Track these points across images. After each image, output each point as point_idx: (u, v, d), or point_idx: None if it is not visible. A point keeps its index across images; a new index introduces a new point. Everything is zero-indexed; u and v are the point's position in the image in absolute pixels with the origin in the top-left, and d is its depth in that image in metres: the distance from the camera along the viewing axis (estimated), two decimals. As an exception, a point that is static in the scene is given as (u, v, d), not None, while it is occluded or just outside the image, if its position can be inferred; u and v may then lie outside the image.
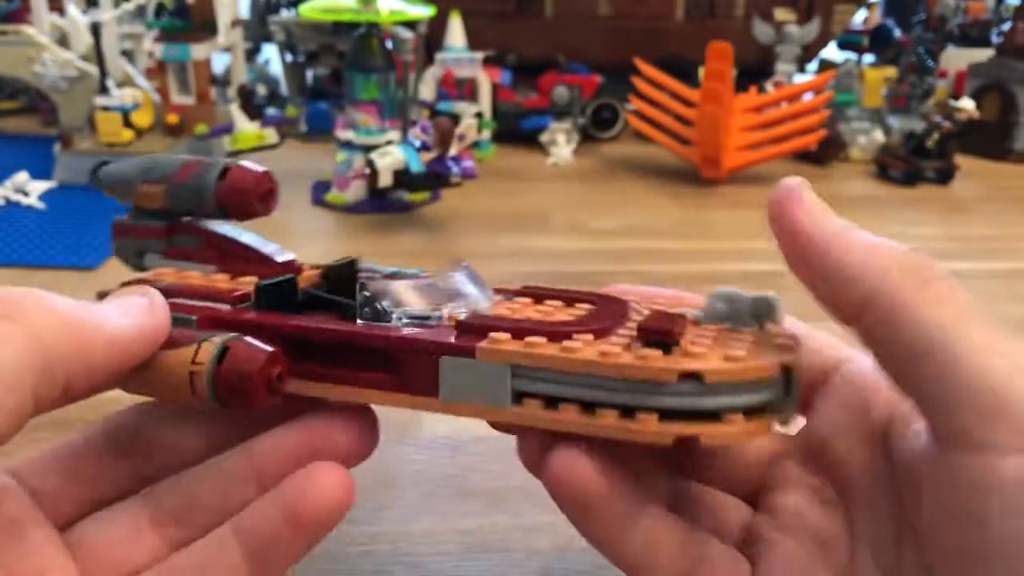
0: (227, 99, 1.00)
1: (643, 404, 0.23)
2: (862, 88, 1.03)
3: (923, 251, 0.74)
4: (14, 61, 0.91)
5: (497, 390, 0.24)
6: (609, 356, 0.23)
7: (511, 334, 0.25)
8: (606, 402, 0.24)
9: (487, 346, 0.24)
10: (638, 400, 0.23)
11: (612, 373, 0.23)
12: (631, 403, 0.23)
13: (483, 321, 0.25)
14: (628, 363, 0.23)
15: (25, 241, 0.69)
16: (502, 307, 0.28)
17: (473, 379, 0.25)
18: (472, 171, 0.73)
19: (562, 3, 1.05)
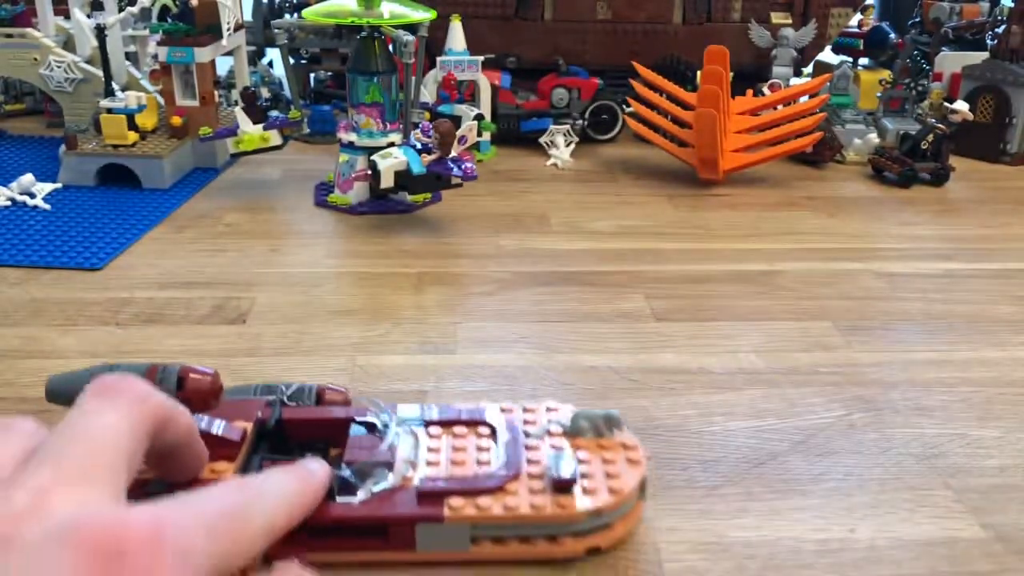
0: (231, 102, 1.01)
1: (563, 532, 0.36)
2: (857, 91, 1.04)
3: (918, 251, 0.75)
4: (20, 64, 0.92)
5: (459, 540, 0.35)
6: (538, 508, 0.35)
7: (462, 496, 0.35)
8: (539, 535, 0.35)
9: (451, 514, 0.35)
10: (560, 531, 0.35)
11: (543, 520, 0.35)
12: (556, 533, 0.36)
13: (437, 487, 0.35)
14: (553, 513, 0.35)
15: (31, 242, 0.70)
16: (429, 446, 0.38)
17: (440, 535, 0.35)
18: (472, 172, 0.73)
19: (561, 7, 1.06)
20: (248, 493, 0.29)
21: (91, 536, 0.23)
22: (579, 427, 0.39)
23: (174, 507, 0.26)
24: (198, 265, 0.67)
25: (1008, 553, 0.37)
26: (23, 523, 0.24)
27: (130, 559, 0.23)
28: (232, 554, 0.27)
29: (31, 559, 0.23)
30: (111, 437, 0.27)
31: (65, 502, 0.25)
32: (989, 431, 0.46)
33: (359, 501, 0.35)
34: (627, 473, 0.37)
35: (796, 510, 0.40)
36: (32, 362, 0.52)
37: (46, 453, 0.26)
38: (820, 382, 0.51)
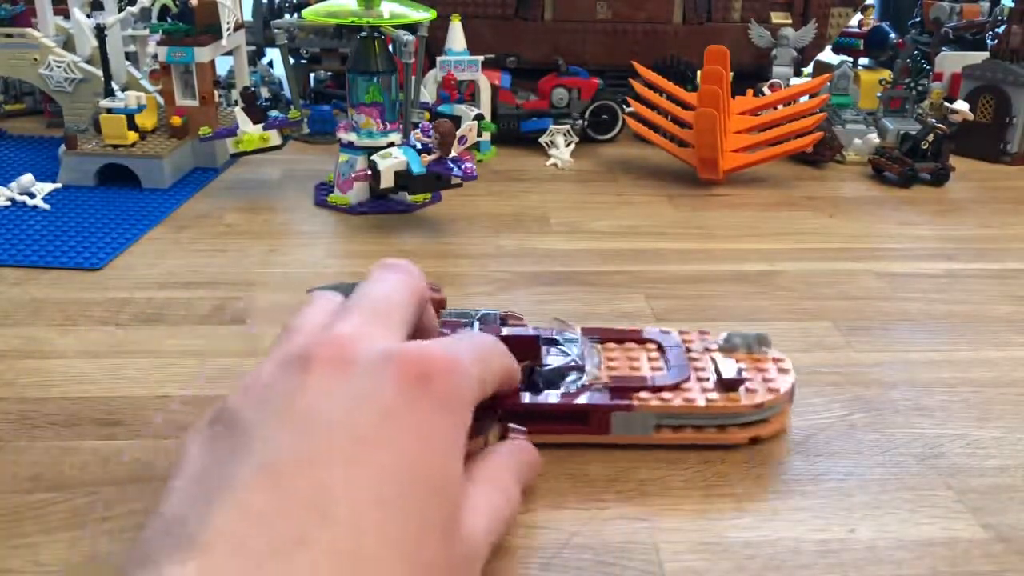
0: (230, 102, 1.01)
1: (731, 423, 0.43)
2: (857, 90, 1.04)
3: (918, 251, 0.75)
4: (20, 64, 0.92)
5: (644, 427, 0.43)
6: (712, 401, 0.43)
7: (648, 391, 0.43)
8: (709, 424, 0.43)
9: (639, 404, 0.42)
10: (728, 421, 0.43)
11: (715, 411, 0.43)
12: (724, 423, 0.43)
13: (627, 384, 0.43)
14: (721, 406, 0.43)
15: (31, 242, 0.70)
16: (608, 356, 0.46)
17: (630, 422, 0.43)
18: (472, 172, 0.73)
19: (561, 7, 1.06)
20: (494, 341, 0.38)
21: (409, 361, 0.31)
22: (733, 344, 0.47)
23: (455, 343, 0.34)
24: (198, 265, 0.67)
25: (1008, 553, 0.37)
26: (356, 346, 0.31)
27: (436, 379, 0.31)
28: (490, 382, 0.35)
29: (367, 374, 0.30)
30: (396, 293, 0.36)
31: (378, 336, 0.32)
32: (989, 431, 0.46)
33: (561, 394, 0.43)
34: (780, 378, 0.45)
35: (796, 510, 0.40)
36: (32, 362, 0.52)
37: (352, 305, 0.34)
38: (820, 382, 0.51)
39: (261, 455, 0.27)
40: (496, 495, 0.34)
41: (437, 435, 0.30)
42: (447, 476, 0.30)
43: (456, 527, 0.30)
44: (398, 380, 0.30)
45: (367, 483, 0.27)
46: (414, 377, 0.30)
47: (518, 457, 0.38)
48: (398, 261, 0.38)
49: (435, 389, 0.30)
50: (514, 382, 0.39)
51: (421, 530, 0.28)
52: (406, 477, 0.28)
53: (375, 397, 0.29)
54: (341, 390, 0.30)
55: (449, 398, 0.31)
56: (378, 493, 0.27)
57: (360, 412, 0.29)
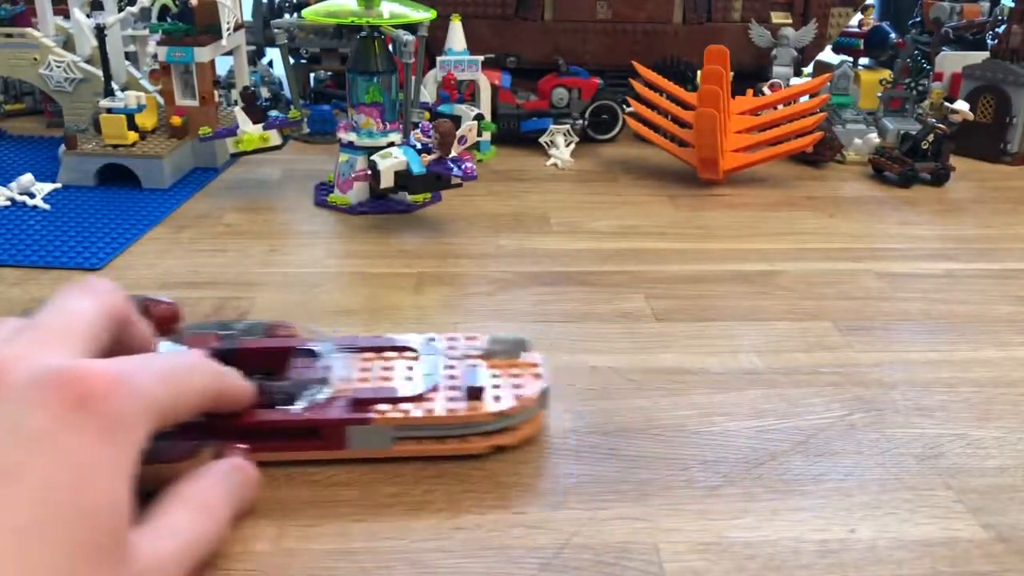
0: (230, 102, 1.01)
1: (472, 432, 0.42)
2: (858, 90, 1.04)
3: (918, 251, 0.75)
4: (20, 63, 0.92)
5: (383, 440, 0.42)
6: (453, 411, 0.42)
7: (389, 403, 0.42)
8: (452, 435, 0.42)
9: (378, 417, 0.41)
10: (469, 431, 0.42)
11: (455, 421, 0.42)
12: (465, 433, 0.42)
13: (366, 396, 0.42)
14: (462, 415, 0.42)
15: (31, 242, 0.70)
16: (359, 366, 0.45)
17: (367, 436, 0.41)
18: (472, 172, 0.73)
19: (561, 7, 1.06)
20: (194, 359, 0.37)
21: (64, 380, 0.29)
22: (493, 350, 0.47)
23: (132, 361, 0.33)
24: (198, 265, 0.67)
25: (1008, 553, 0.37)
26: (13, 364, 0.30)
27: (95, 401, 0.29)
28: (180, 402, 0.34)
29: (16, 396, 0.29)
30: (80, 316, 0.34)
31: (45, 356, 0.31)
32: (989, 431, 0.46)
33: (299, 409, 0.41)
34: (530, 384, 0.44)
35: (796, 510, 0.40)
36: (32, 362, 0.52)
37: (29, 327, 0.33)
38: (820, 382, 0.51)
39: None
40: (193, 517, 0.33)
41: (92, 461, 0.28)
42: (103, 502, 0.28)
43: (118, 554, 0.29)
44: (51, 404, 0.29)
45: (3, 513, 0.26)
46: (70, 400, 0.29)
47: (229, 477, 0.37)
48: (91, 281, 0.37)
49: (91, 411, 0.29)
50: (233, 400, 0.39)
51: (67, 559, 0.27)
52: (51, 505, 0.27)
53: (22, 423, 0.28)
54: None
55: (110, 421, 0.29)
56: (14, 523, 0.26)
57: (6, 441, 0.28)
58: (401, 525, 0.38)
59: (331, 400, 0.42)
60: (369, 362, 0.46)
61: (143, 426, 0.31)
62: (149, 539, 0.31)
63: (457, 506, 0.39)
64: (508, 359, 0.46)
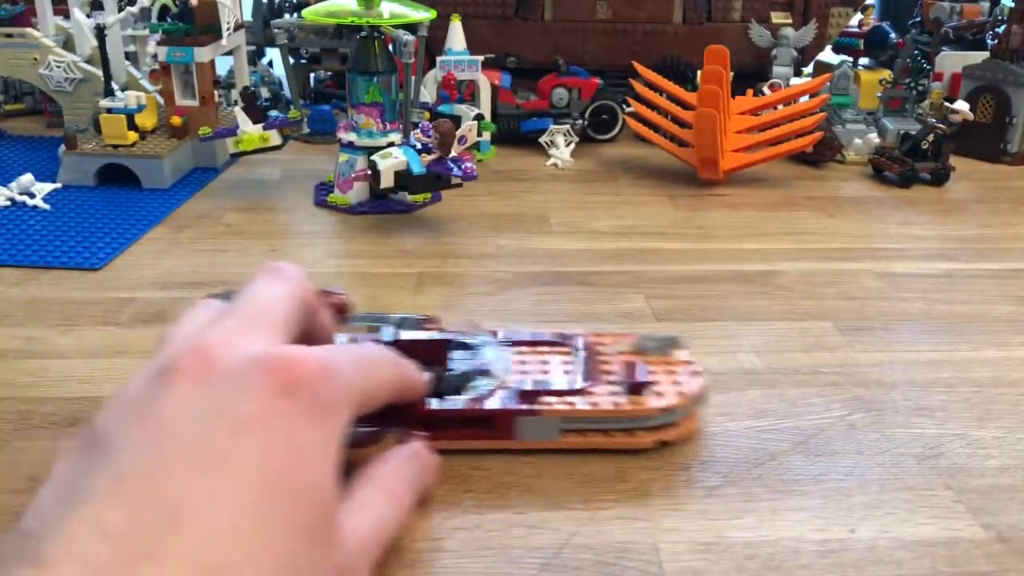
0: (230, 102, 1.01)
1: (637, 426, 0.43)
2: (858, 90, 1.04)
3: (918, 251, 0.75)
4: (20, 63, 0.92)
5: (551, 431, 0.42)
6: (618, 405, 0.42)
7: (555, 395, 0.42)
8: (616, 428, 0.43)
9: (544, 408, 0.42)
10: (635, 425, 0.43)
11: (621, 415, 0.42)
12: (631, 427, 0.43)
13: (533, 388, 0.43)
14: (628, 409, 0.42)
15: (31, 242, 0.70)
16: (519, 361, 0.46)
17: (536, 427, 0.42)
18: (472, 172, 0.73)
19: (561, 7, 1.06)
20: (383, 350, 0.38)
21: (276, 368, 0.30)
22: (645, 347, 0.47)
23: (333, 350, 0.34)
24: (198, 265, 0.67)
25: (1009, 553, 0.37)
26: (221, 353, 0.30)
27: (305, 386, 0.30)
28: (373, 391, 0.35)
29: (230, 378, 0.30)
30: (276, 301, 0.35)
31: (249, 341, 0.31)
32: (989, 431, 0.46)
33: (467, 399, 0.42)
34: (690, 380, 0.44)
35: (796, 510, 0.40)
36: (32, 362, 0.52)
37: (227, 311, 0.34)
38: (820, 382, 0.51)
39: (115, 467, 0.27)
40: (383, 500, 0.34)
41: (303, 443, 0.29)
42: (315, 484, 0.29)
43: (329, 533, 0.30)
44: (262, 387, 0.29)
45: (222, 492, 0.27)
46: (281, 384, 0.30)
47: (411, 462, 0.38)
48: (280, 264, 0.37)
49: (303, 396, 0.30)
50: (412, 391, 0.40)
51: (287, 537, 0.28)
52: (267, 485, 0.28)
53: (236, 406, 0.29)
54: (202, 399, 0.29)
55: (318, 406, 0.30)
56: (234, 501, 0.27)
57: (219, 421, 0.29)
58: (401, 525, 0.38)
59: (495, 391, 0.43)
60: (524, 356, 0.47)
61: (346, 412, 0.32)
62: (350, 519, 0.31)
63: (457, 506, 0.39)
64: (661, 356, 0.46)
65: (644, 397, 0.43)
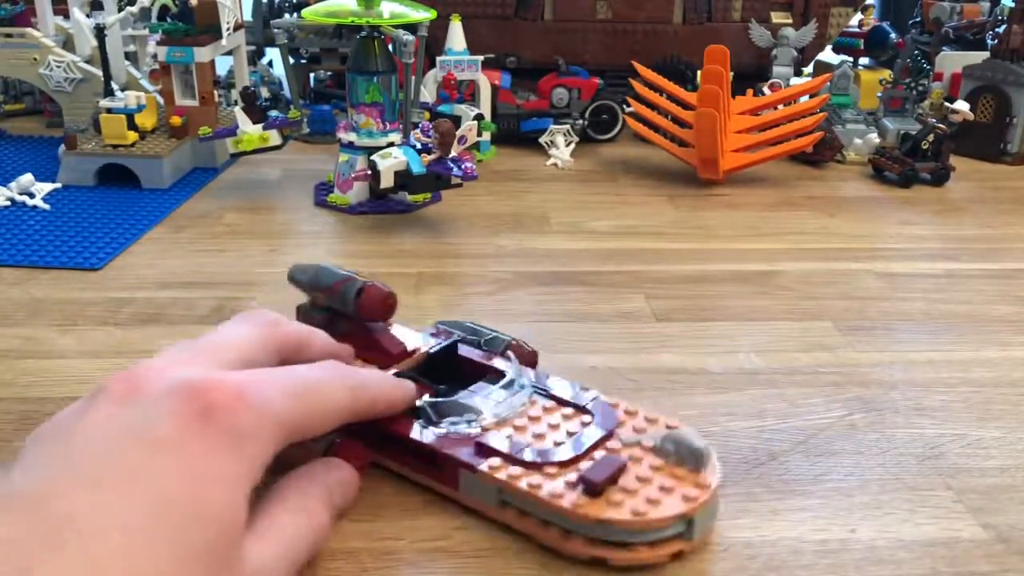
0: (230, 101, 1.01)
1: (576, 531, 0.35)
2: (858, 90, 1.04)
3: (918, 251, 0.74)
4: (19, 63, 0.92)
5: (489, 496, 0.37)
6: (555, 497, 0.35)
7: (505, 460, 0.37)
8: (556, 524, 0.36)
9: (486, 468, 0.37)
10: (574, 528, 0.35)
11: (554, 509, 0.35)
12: (570, 528, 0.35)
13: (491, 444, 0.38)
14: (563, 505, 0.35)
15: (31, 242, 0.70)
16: (531, 412, 0.41)
17: (475, 486, 0.38)
18: (472, 172, 0.73)
19: (561, 7, 1.06)
20: (335, 371, 0.36)
21: (192, 394, 0.30)
22: (664, 448, 0.38)
23: (263, 375, 0.33)
24: (198, 265, 0.67)
25: (1009, 553, 0.37)
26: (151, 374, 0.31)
27: (218, 413, 0.30)
28: (312, 418, 0.34)
29: (147, 404, 0.30)
30: (236, 341, 0.35)
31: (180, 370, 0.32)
32: (989, 431, 0.46)
33: (434, 432, 0.39)
34: (669, 502, 0.35)
35: (796, 510, 0.40)
36: (31, 362, 0.52)
37: (186, 346, 0.34)
38: (820, 382, 0.51)
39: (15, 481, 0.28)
40: (294, 520, 0.33)
41: (209, 471, 0.29)
42: (218, 510, 0.29)
43: (228, 560, 0.29)
44: (178, 412, 0.30)
45: (115, 511, 0.27)
46: (197, 409, 0.30)
47: (327, 476, 0.36)
48: (260, 311, 0.38)
49: (214, 425, 0.30)
50: (380, 410, 0.38)
51: (179, 561, 0.27)
52: (164, 507, 0.28)
53: (150, 428, 0.29)
54: (116, 420, 0.30)
55: (230, 434, 0.30)
56: (127, 521, 0.27)
57: (130, 441, 0.29)
58: (401, 525, 0.38)
59: (467, 436, 0.39)
60: (542, 407, 0.41)
61: (268, 440, 0.31)
62: (254, 543, 0.31)
63: (457, 506, 0.39)
64: (679, 466, 0.37)
65: (592, 500, 0.35)
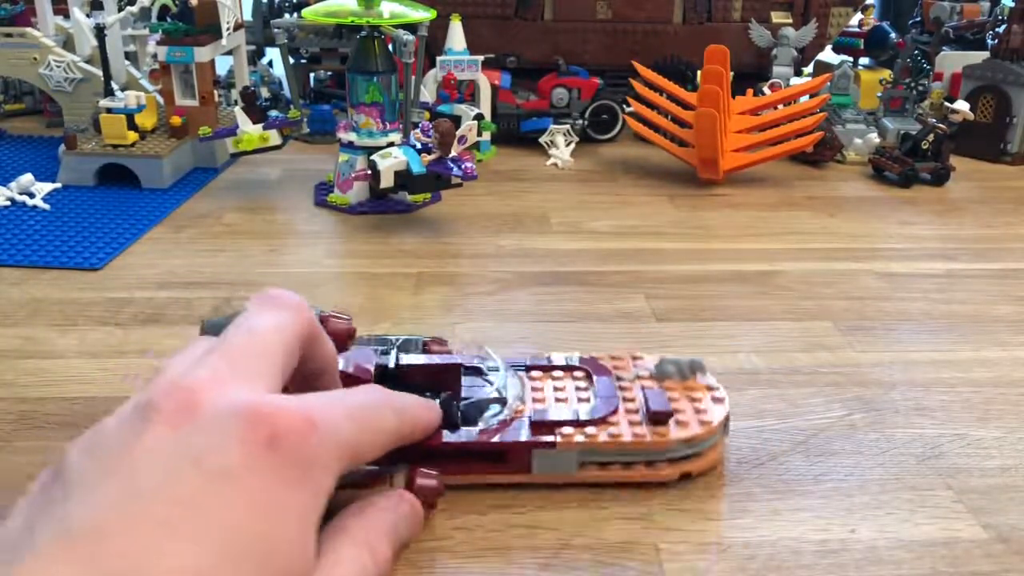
0: (230, 101, 1.01)
1: (660, 459, 0.40)
2: (858, 90, 1.04)
3: (918, 251, 0.75)
4: (20, 63, 0.92)
5: (568, 465, 0.40)
6: (639, 437, 0.40)
7: (571, 426, 0.40)
8: (637, 460, 0.40)
9: (561, 441, 0.40)
10: (657, 457, 0.40)
11: (643, 447, 0.40)
12: (653, 459, 0.40)
13: (547, 419, 0.40)
14: (650, 441, 0.40)
15: (30, 242, 0.70)
16: (533, 387, 0.43)
17: (553, 460, 0.40)
18: (472, 172, 0.73)
19: (561, 6, 1.06)
20: (383, 395, 0.36)
21: (256, 420, 0.28)
22: (666, 371, 0.44)
23: (323, 399, 0.32)
24: (198, 265, 0.66)
25: (1009, 554, 0.37)
26: (205, 394, 0.29)
27: (285, 442, 0.28)
28: (368, 443, 0.33)
29: (207, 431, 0.28)
30: (270, 334, 0.33)
31: (236, 385, 0.30)
32: (990, 431, 0.46)
33: (479, 431, 0.40)
34: (713, 409, 0.42)
35: (796, 510, 0.40)
36: (31, 362, 0.52)
37: (219, 346, 0.32)
38: (820, 382, 0.51)
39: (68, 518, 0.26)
40: (357, 554, 0.32)
41: (277, 504, 0.28)
42: (288, 547, 0.28)
43: None
44: (243, 439, 0.28)
45: (180, 553, 0.25)
46: (261, 438, 0.28)
47: (392, 510, 0.35)
48: (280, 294, 0.35)
49: (282, 453, 0.28)
50: (418, 434, 0.37)
51: None
52: (234, 547, 0.26)
53: (210, 457, 0.27)
54: (175, 446, 0.27)
55: (299, 464, 0.29)
56: (194, 565, 0.25)
57: (189, 472, 0.27)
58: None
59: (510, 421, 0.40)
60: (539, 381, 0.44)
61: (333, 469, 0.30)
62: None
63: (457, 506, 0.39)
64: (682, 381, 0.44)
65: (666, 428, 0.40)
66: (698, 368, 0.44)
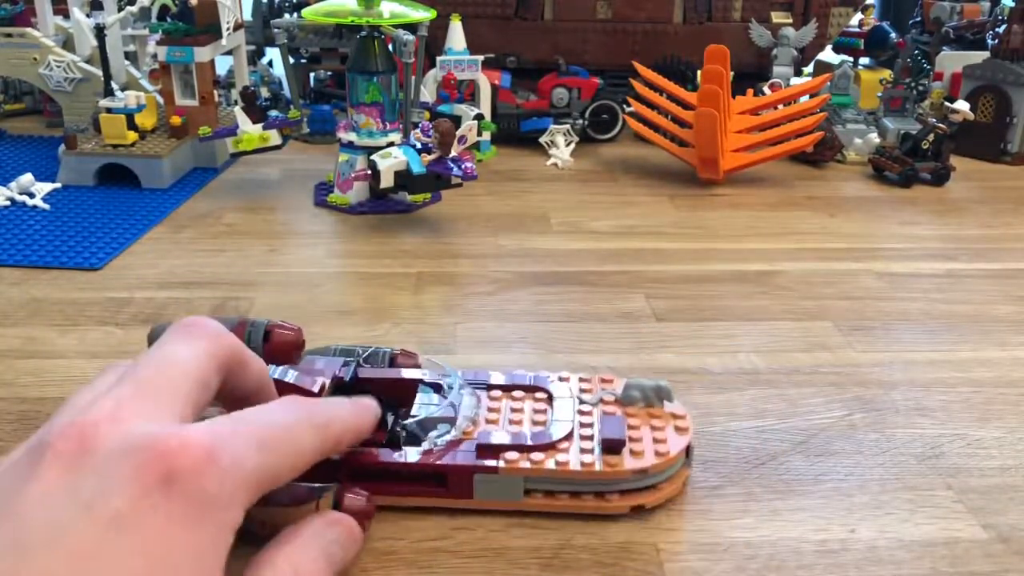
0: (230, 101, 1.01)
1: (608, 489, 0.38)
2: (858, 90, 1.04)
3: (918, 251, 0.75)
4: (19, 63, 0.92)
5: (513, 491, 0.38)
6: (587, 465, 0.37)
7: (517, 451, 0.38)
8: (588, 491, 0.38)
9: (505, 466, 0.38)
10: (605, 488, 0.38)
11: (591, 476, 0.37)
12: (603, 490, 0.38)
13: (493, 442, 0.38)
14: (599, 471, 0.37)
15: (31, 242, 0.70)
16: (489, 407, 0.42)
17: (496, 485, 0.38)
18: (472, 172, 0.73)
19: (561, 7, 1.06)
20: (301, 410, 0.33)
21: (151, 457, 0.26)
22: (630, 396, 0.42)
23: (231, 426, 0.29)
24: (198, 265, 0.66)
25: (1009, 553, 0.37)
26: (102, 428, 0.27)
27: (182, 480, 0.26)
28: (283, 466, 0.30)
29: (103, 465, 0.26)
30: (182, 364, 0.31)
31: (139, 417, 0.28)
32: (990, 431, 0.46)
33: (421, 451, 0.38)
34: (673, 439, 0.40)
35: (796, 510, 0.40)
36: (31, 362, 0.52)
37: (128, 375, 0.30)
38: (820, 382, 0.51)
39: None
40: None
41: (175, 548, 0.26)
42: None
43: None
44: (135, 479, 0.26)
45: None
46: (154, 478, 0.26)
47: (326, 533, 0.33)
48: (197, 321, 0.33)
49: (178, 491, 0.26)
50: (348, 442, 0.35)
51: None
52: None
53: (101, 502, 0.25)
54: (66, 491, 0.26)
55: (196, 502, 0.26)
56: None
57: (80, 521, 0.25)
58: (401, 525, 0.38)
59: (457, 443, 0.39)
60: (497, 401, 0.42)
61: (239, 500, 0.28)
62: None
63: (457, 506, 0.39)
64: (647, 407, 0.42)
65: (619, 457, 0.38)
66: (665, 395, 0.42)
